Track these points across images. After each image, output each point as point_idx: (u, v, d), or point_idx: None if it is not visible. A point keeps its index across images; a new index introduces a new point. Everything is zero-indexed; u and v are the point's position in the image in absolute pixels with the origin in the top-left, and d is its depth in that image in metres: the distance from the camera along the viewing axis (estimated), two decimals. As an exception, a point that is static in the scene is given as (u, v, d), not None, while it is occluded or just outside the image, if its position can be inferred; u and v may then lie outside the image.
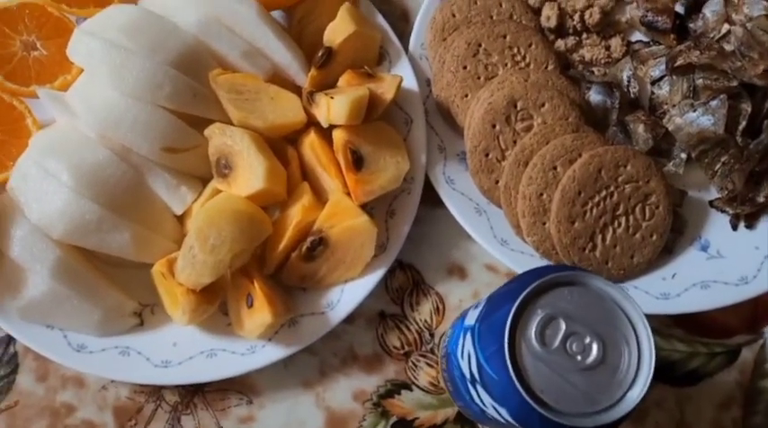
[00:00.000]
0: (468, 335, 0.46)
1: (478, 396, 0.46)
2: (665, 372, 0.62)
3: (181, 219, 0.59)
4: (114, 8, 0.59)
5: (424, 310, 0.62)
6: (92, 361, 0.55)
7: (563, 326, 0.41)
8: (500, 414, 0.44)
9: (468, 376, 0.47)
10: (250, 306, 0.55)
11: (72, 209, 0.53)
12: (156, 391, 0.58)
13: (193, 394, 0.58)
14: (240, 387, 0.58)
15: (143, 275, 0.57)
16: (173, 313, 0.55)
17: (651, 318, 0.60)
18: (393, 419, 0.59)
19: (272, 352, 0.56)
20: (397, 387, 0.60)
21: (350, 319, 0.60)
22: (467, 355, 0.46)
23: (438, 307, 0.62)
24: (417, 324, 0.61)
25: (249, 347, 0.56)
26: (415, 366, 0.60)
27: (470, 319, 0.48)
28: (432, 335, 0.61)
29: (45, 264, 0.53)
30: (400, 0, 0.70)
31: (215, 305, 0.56)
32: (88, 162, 0.54)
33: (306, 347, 0.58)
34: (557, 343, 0.41)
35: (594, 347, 0.41)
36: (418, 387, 0.60)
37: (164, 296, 0.56)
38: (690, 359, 0.62)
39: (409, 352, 0.61)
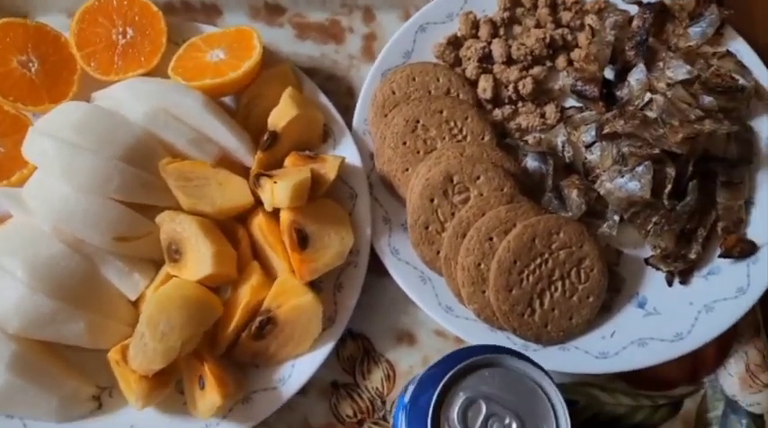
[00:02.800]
0: (402, 414, 0.49)
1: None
2: (612, 427, 0.64)
3: (135, 303, 0.61)
4: (66, 106, 0.62)
5: (376, 378, 0.64)
6: (52, 448, 0.57)
7: (484, 408, 0.43)
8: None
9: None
10: (202, 387, 0.57)
11: (26, 304, 0.55)
12: (116, 475, 0.59)
13: (152, 473, 0.60)
14: (198, 464, 0.60)
15: (101, 357, 0.59)
16: (128, 397, 0.57)
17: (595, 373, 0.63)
18: (348, 488, 0.61)
19: (227, 430, 0.58)
20: (350, 457, 0.62)
21: (303, 391, 0.62)
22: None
23: (389, 374, 0.64)
24: (369, 392, 0.63)
25: (204, 426, 0.58)
26: (368, 434, 0.62)
27: (407, 396, 0.50)
28: (383, 402, 0.63)
29: (1, 359, 0.55)
30: (345, 77, 0.73)
31: (168, 387, 0.58)
32: (42, 256, 0.57)
33: (261, 421, 0.60)
34: (478, 424, 0.43)
35: (514, 427, 0.43)
36: (371, 454, 0.62)
37: (120, 381, 0.58)
38: (634, 412, 0.64)
39: (362, 420, 0.63)
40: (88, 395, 0.59)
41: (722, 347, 0.66)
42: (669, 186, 0.63)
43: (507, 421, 0.43)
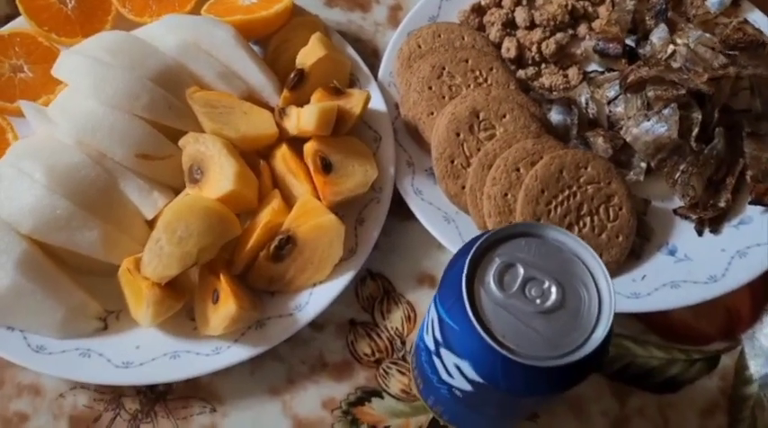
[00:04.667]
0: (432, 304, 0.46)
1: (443, 365, 0.45)
2: (645, 379, 0.60)
3: (151, 225, 0.59)
4: (100, 34, 0.63)
5: (395, 318, 0.61)
6: (50, 361, 0.53)
7: (521, 272, 0.41)
8: (464, 375, 0.42)
9: (432, 348, 0.46)
10: (216, 301, 0.54)
11: (43, 204, 0.54)
12: (115, 399, 0.55)
13: (154, 402, 0.56)
14: (204, 394, 0.56)
15: (109, 284, 0.57)
16: (137, 312, 0.54)
17: (625, 324, 0.61)
18: (363, 427, 0.56)
19: (238, 353, 0.55)
20: (367, 395, 0.58)
21: (319, 326, 0.59)
22: (430, 325, 0.46)
23: (409, 316, 0.61)
24: (388, 331, 0.60)
25: (214, 348, 0.55)
26: (387, 373, 0.58)
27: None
28: (403, 343, 0.60)
29: (10, 256, 0.53)
30: (371, 41, 0.75)
31: (180, 302, 0.55)
32: (63, 163, 0.56)
33: (273, 354, 0.57)
34: (515, 287, 0.41)
35: (553, 291, 0.40)
36: (389, 394, 0.58)
37: (129, 296, 0.55)
38: (668, 366, 0.61)
39: (380, 360, 0.59)
40: (95, 312, 0.56)
41: (757, 303, 0.63)
42: (696, 129, 0.62)
43: (546, 285, 0.41)
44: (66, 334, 0.55)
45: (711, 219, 0.63)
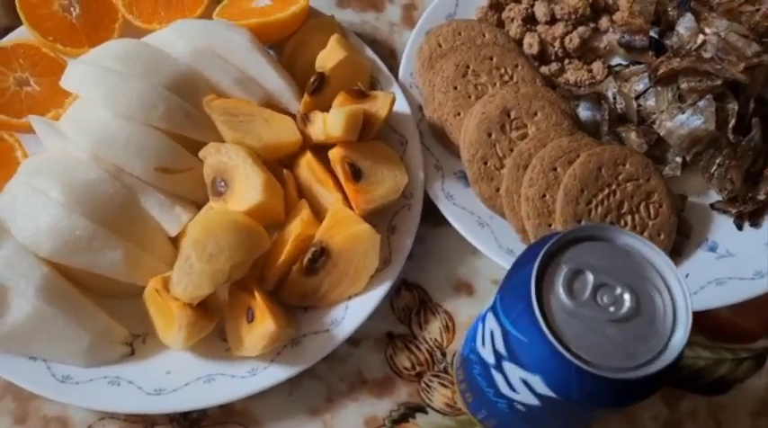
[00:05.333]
0: (489, 314, 0.44)
1: (505, 379, 0.42)
2: (693, 381, 0.58)
3: (174, 242, 0.56)
4: (109, 42, 0.60)
5: (434, 329, 0.58)
6: (78, 392, 0.50)
7: (591, 279, 0.39)
8: (532, 390, 0.40)
9: (491, 361, 0.43)
10: (251, 320, 0.51)
11: (62, 225, 0.50)
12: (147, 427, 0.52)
13: (189, 428, 0.53)
14: (241, 418, 0.53)
15: (131, 306, 0.54)
16: (167, 335, 0.52)
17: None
18: (409, 445, 0.54)
19: (275, 373, 0.52)
20: (411, 411, 0.55)
21: (356, 342, 0.57)
22: (488, 337, 0.43)
23: (447, 325, 0.59)
24: (427, 343, 0.58)
25: (250, 369, 0.52)
26: (429, 387, 0.56)
27: (488, 304, 0.45)
28: (443, 354, 0.57)
29: (31, 282, 0.49)
30: (387, 41, 0.72)
31: (213, 323, 0.52)
32: (79, 179, 0.53)
33: (311, 373, 0.54)
34: (586, 295, 0.38)
35: (627, 298, 0.38)
36: (433, 409, 0.55)
37: (157, 318, 0.52)
38: (716, 366, 0.59)
39: (421, 373, 0.57)
40: (121, 337, 0.53)
41: (801, 296, 0.61)
42: (732, 121, 0.61)
43: (618, 291, 0.38)
44: (93, 361, 0.51)
45: (751, 213, 0.62)
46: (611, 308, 0.38)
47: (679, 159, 0.62)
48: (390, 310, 0.59)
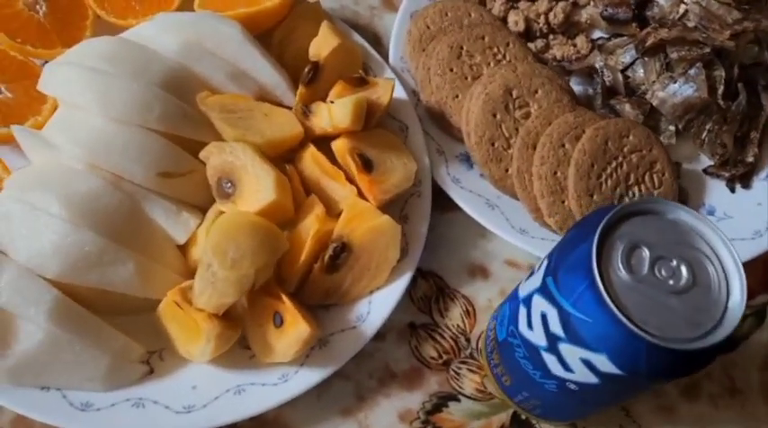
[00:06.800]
0: (537, 297, 0.43)
1: (560, 360, 0.42)
2: (705, 342, 0.60)
3: (183, 250, 0.53)
4: (89, 41, 0.56)
5: (455, 315, 0.58)
6: (100, 419, 0.47)
7: (647, 253, 0.39)
8: (593, 369, 0.40)
9: (542, 343, 0.43)
10: (279, 325, 0.49)
11: (69, 242, 0.47)
12: (177, 447, 0.50)
13: (221, 443, 0.50)
14: (273, 426, 0.51)
15: (141, 322, 0.51)
16: (191, 349, 0.49)
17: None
18: (447, 435, 0.53)
19: (308, 377, 0.50)
20: (443, 400, 0.54)
21: (380, 336, 0.55)
22: (538, 320, 0.43)
23: (468, 311, 0.58)
24: (450, 330, 0.57)
25: (281, 376, 0.50)
26: (458, 374, 0.55)
27: (529, 286, 0.45)
28: (468, 340, 0.57)
29: (41, 307, 0.45)
30: (369, 25, 0.71)
31: (238, 331, 0.50)
32: (79, 191, 0.49)
33: (338, 372, 0.52)
34: (645, 269, 0.39)
35: (683, 269, 0.39)
36: (465, 396, 0.55)
37: (178, 332, 0.49)
38: (723, 325, 0.61)
39: (448, 361, 0.56)
40: (138, 355, 0.50)
41: (792, 250, 0.64)
42: (721, 87, 0.62)
43: (675, 263, 0.39)
44: (112, 384, 0.48)
45: (741, 175, 0.64)
46: (671, 281, 0.38)
47: (672, 128, 0.64)
48: (410, 301, 0.58)
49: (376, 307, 0.54)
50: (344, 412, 0.53)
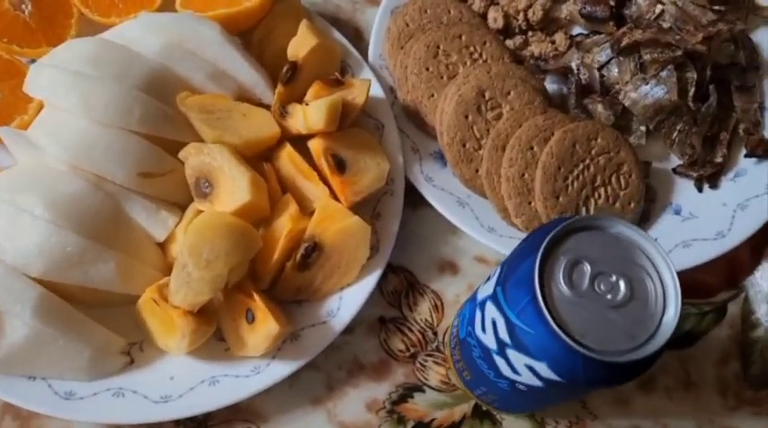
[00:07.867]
0: (489, 304, 0.46)
1: (508, 363, 0.45)
2: (665, 337, 0.62)
3: (162, 247, 0.56)
4: (71, 42, 0.57)
5: (423, 310, 0.60)
6: (83, 407, 0.50)
7: (588, 268, 0.41)
8: (537, 374, 0.43)
9: (493, 347, 0.46)
10: (251, 321, 0.52)
11: (52, 243, 0.49)
12: (155, 433, 0.53)
13: (197, 429, 0.54)
14: (246, 415, 0.55)
15: (123, 314, 0.54)
16: (168, 342, 0.52)
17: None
18: (411, 423, 0.56)
19: (279, 370, 0.53)
20: (408, 391, 0.58)
21: (350, 329, 0.58)
22: (489, 325, 0.46)
23: (436, 305, 0.61)
24: (418, 324, 0.60)
25: (253, 368, 0.53)
26: (424, 366, 0.59)
27: (485, 291, 0.48)
28: (435, 334, 0.60)
29: (26, 303, 0.48)
30: (351, 20, 0.72)
31: (212, 327, 0.53)
32: (63, 193, 0.51)
33: (309, 364, 0.55)
34: (585, 284, 0.41)
35: (621, 284, 0.41)
36: (430, 387, 0.58)
37: (156, 326, 0.53)
38: (683, 321, 0.63)
39: (415, 354, 0.59)
40: (119, 347, 0.53)
41: (756, 248, 0.66)
42: (692, 89, 0.64)
43: (614, 278, 0.41)
44: (95, 374, 0.51)
45: (709, 175, 0.65)
46: (609, 296, 0.41)
47: (643, 128, 0.65)
48: (380, 295, 0.60)
49: (346, 302, 0.56)
50: (314, 401, 0.56)
